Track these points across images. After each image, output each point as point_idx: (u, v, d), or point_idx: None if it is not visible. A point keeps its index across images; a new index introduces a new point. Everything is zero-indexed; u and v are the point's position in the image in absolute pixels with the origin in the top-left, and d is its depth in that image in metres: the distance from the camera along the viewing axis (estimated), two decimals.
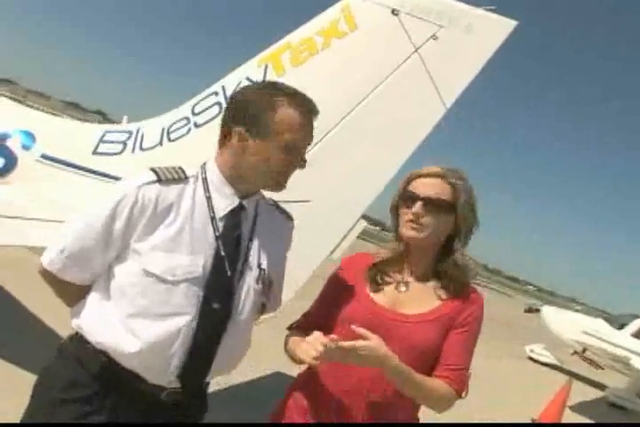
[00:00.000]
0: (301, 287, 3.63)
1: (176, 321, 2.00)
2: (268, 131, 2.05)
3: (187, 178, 2.09)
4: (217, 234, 2.07)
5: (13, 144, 4.06)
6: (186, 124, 3.84)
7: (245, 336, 2.22)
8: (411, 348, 2.16)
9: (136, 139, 3.91)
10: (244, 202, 2.14)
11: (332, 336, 1.95)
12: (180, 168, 2.11)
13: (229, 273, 2.07)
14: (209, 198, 2.09)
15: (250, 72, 3.81)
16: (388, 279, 2.32)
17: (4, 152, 4.07)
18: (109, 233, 2.01)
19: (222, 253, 2.06)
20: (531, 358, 17.69)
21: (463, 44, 3.50)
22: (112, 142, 3.94)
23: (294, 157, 2.11)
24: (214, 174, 2.12)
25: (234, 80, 3.82)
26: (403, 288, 2.29)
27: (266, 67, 3.71)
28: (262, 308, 2.22)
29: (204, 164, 2.16)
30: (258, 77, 3.71)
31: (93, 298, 2.09)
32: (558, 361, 17.44)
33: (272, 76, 3.65)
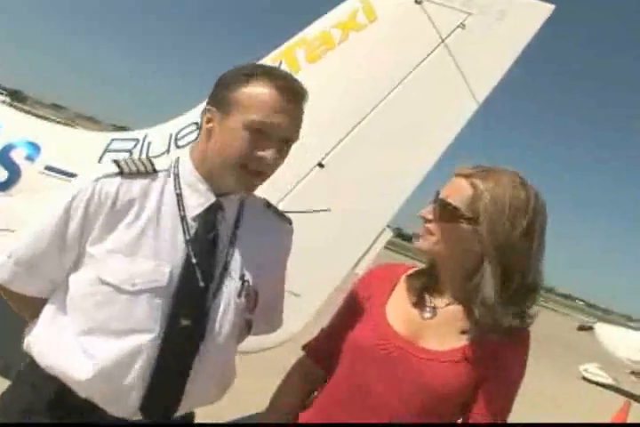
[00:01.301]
0: (323, 306, 3.29)
1: (136, 340, 1.69)
2: (236, 107, 1.73)
3: (155, 172, 1.80)
4: (187, 237, 1.75)
5: (17, 156, 3.84)
6: (195, 130, 3.56)
7: (225, 360, 1.88)
8: (427, 390, 1.79)
9: (142, 146, 3.64)
10: (222, 200, 1.82)
11: None
12: (149, 160, 1.82)
13: (202, 284, 1.75)
14: (179, 195, 1.78)
15: None
16: (413, 301, 1.95)
17: (7, 164, 3.85)
18: (63, 235, 1.72)
19: (193, 260, 1.74)
20: (585, 378, 16.94)
21: (495, 33, 3.13)
22: (118, 151, 3.68)
23: (266, 142, 1.75)
24: (187, 168, 1.82)
25: None
26: (428, 314, 1.91)
27: (280, 63, 3.39)
28: (247, 327, 1.88)
29: (178, 157, 1.86)
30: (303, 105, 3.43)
31: (47, 313, 1.79)
32: (615, 381, 16.65)
33: None
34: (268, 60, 3.46)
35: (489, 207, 1.80)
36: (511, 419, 1.92)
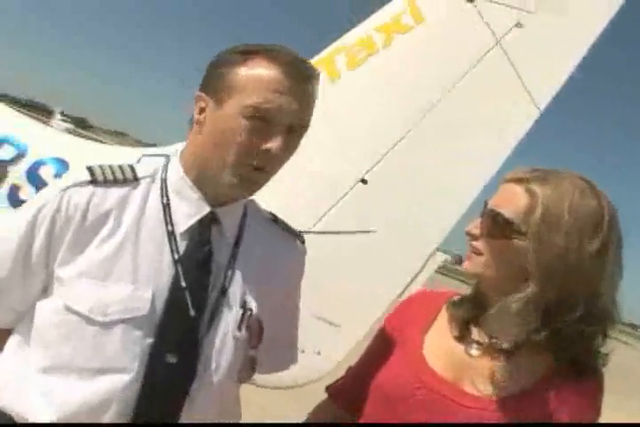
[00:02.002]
0: (364, 339, 2.96)
1: (109, 381, 1.38)
2: (231, 92, 1.44)
3: (137, 179, 1.51)
4: (176, 256, 1.45)
5: (46, 173, 3.66)
6: None
7: (222, 404, 1.55)
8: None
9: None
10: (218, 211, 1.52)
11: None
12: (130, 166, 1.53)
13: (193, 312, 1.44)
14: (166, 206, 1.49)
15: None
16: (455, 334, 1.60)
17: (37, 182, 3.68)
18: (27, 255, 1.44)
19: (183, 284, 1.44)
20: None
21: (556, 31, 2.79)
22: None
23: (269, 131, 1.44)
24: (176, 173, 1.53)
25: None
26: (475, 351, 1.56)
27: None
28: (251, 365, 1.56)
29: (168, 161, 1.57)
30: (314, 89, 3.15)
31: (9, 345, 1.51)
32: None
33: (326, 83, 3.06)
34: None
35: (543, 217, 1.45)
36: None
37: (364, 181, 2.92)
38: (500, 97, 2.87)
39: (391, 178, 2.92)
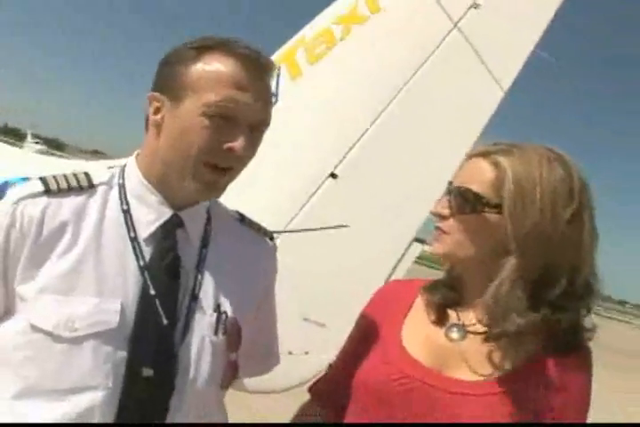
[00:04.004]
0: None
1: (84, 400, 1.31)
2: (188, 90, 1.37)
3: (93, 186, 1.43)
4: (142, 263, 1.38)
5: None
6: None
7: (208, 415, 1.48)
8: None
9: None
10: (182, 214, 1.45)
11: None
12: (85, 173, 1.45)
13: (166, 321, 1.37)
14: (126, 212, 1.42)
15: None
16: (433, 319, 1.56)
17: None
18: None
19: (152, 292, 1.37)
20: None
21: (514, 9, 2.78)
22: None
23: (231, 129, 1.38)
24: (133, 177, 1.46)
25: None
26: (456, 335, 1.50)
27: (279, 69, 3.07)
28: (233, 369, 1.50)
29: (124, 165, 1.51)
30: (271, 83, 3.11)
31: None
32: None
33: (287, 79, 3.01)
34: None
35: (514, 187, 1.41)
36: None
37: (333, 176, 2.87)
38: (464, 80, 2.85)
39: (361, 170, 2.87)
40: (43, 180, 1.41)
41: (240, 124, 1.39)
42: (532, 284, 1.41)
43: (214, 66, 1.38)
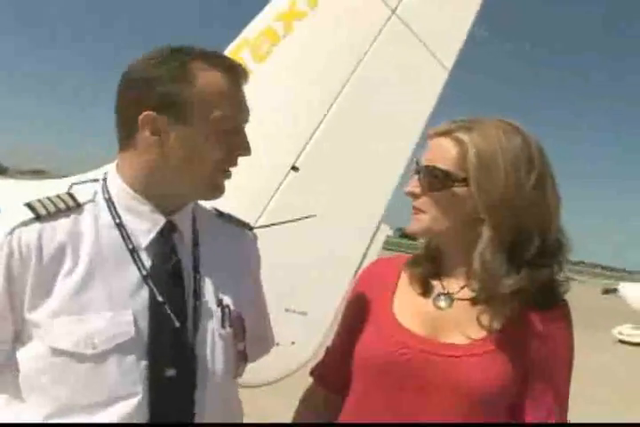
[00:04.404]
0: (333, 322, 2.99)
1: (118, 410, 1.36)
2: (191, 110, 1.44)
3: (79, 205, 1.47)
4: (144, 272, 1.44)
5: None
6: None
7: (228, 403, 1.57)
8: (464, 394, 1.48)
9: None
10: (174, 219, 1.52)
11: None
12: (69, 194, 1.48)
13: (177, 323, 1.44)
14: (120, 225, 1.47)
15: None
16: (419, 291, 1.65)
17: None
18: None
19: (159, 298, 1.43)
20: (622, 341, 16.64)
21: None
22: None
23: (233, 141, 1.49)
24: (120, 190, 1.50)
25: None
26: (443, 303, 1.61)
27: None
28: (243, 357, 1.58)
29: (104, 179, 1.55)
30: None
31: (0, 403, 1.44)
32: None
33: None
34: None
35: (478, 161, 1.52)
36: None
37: (295, 169, 2.94)
38: (408, 64, 2.94)
39: (321, 160, 2.95)
40: (30, 206, 1.44)
41: (242, 130, 1.52)
42: (509, 247, 1.52)
43: (212, 82, 1.46)
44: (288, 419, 1.90)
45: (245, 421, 1.69)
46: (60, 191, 1.52)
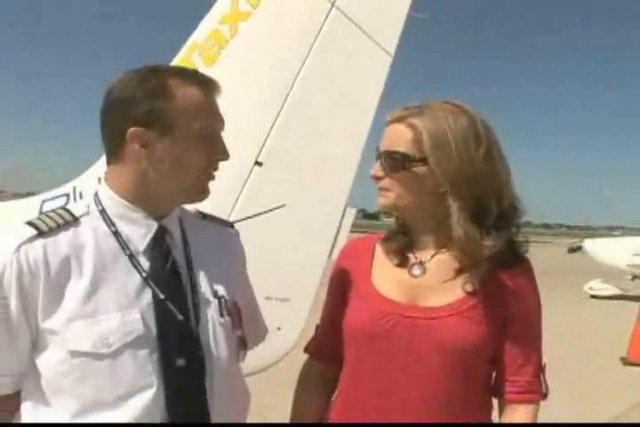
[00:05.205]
0: (313, 305, 3.15)
1: (140, 400, 1.51)
2: (173, 123, 1.58)
3: (76, 219, 1.61)
4: (144, 274, 1.59)
5: None
6: None
7: (235, 386, 1.73)
8: (448, 351, 1.67)
9: (76, 199, 3.44)
10: (165, 222, 1.66)
11: None
12: (65, 209, 1.63)
13: (181, 317, 1.59)
14: (116, 233, 1.61)
15: None
16: (396, 262, 1.82)
17: None
18: (8, 321, 1.52)
19: (161, 296, 1.58)
20: (594, 296, 17.14)
21: None
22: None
23: (213, 148, 1.64)
24: (112, 200, 1.64)
25: None
26: (417, 271, 1.78)
27: None
28: (243, 344, 1.74)
29: (96, 193, 1.68)
30: None
31: (26, 408, 1.58)
32: (622, 290, 16.90)
33: None
34: None
35: (432, 142, 1.69)
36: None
37: (258, 164, 3.07)
38: (353, 54, 3.07)
39: (282, 153, 3.09)
40: (32, 224, 1.57)
41: (220, 137, 1.68)
42: (473, 215, 1.69)
43: (190, 97, 1.61)
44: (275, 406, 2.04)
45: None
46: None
